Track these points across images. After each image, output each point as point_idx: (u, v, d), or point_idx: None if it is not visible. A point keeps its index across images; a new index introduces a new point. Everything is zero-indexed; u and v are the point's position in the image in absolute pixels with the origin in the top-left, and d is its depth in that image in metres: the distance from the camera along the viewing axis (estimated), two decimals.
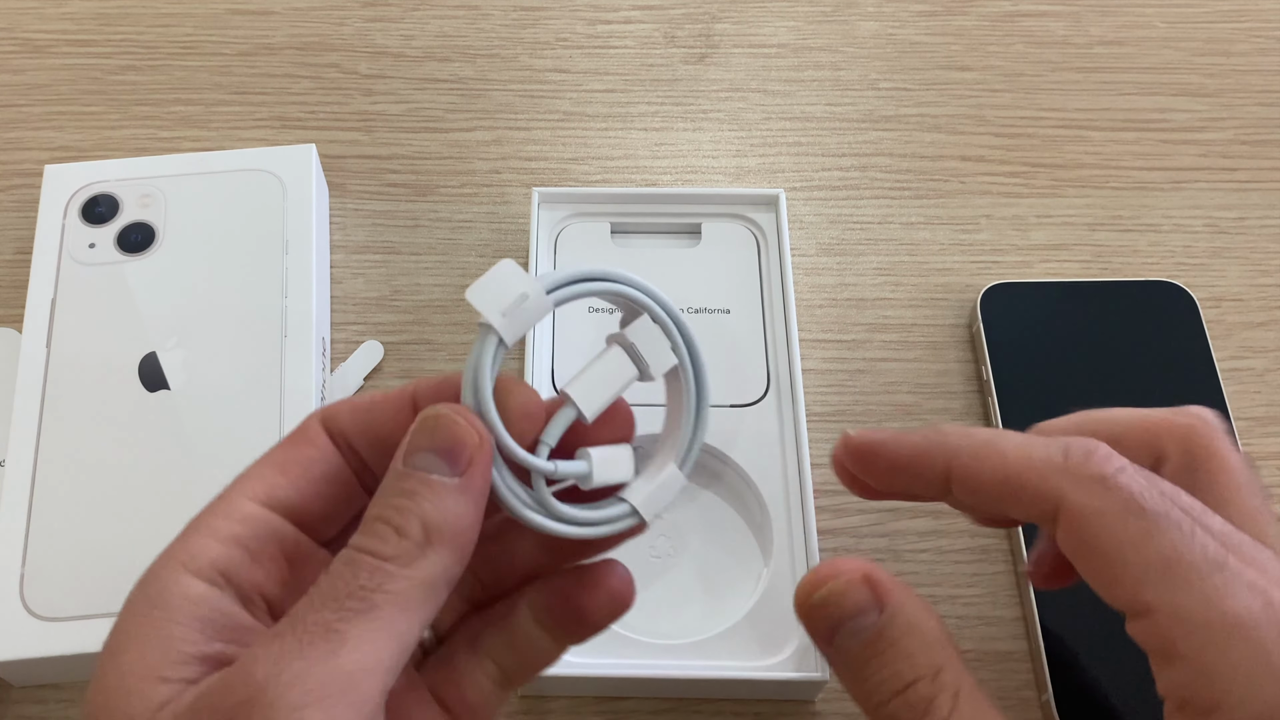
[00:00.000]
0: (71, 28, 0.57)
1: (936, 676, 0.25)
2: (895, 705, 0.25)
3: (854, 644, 0.26)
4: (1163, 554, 0.25)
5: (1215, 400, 0.46)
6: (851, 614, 0.26)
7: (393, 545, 0.23)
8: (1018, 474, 0.27)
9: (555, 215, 0.49)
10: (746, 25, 0.59)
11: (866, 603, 0.26)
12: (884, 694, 0.25)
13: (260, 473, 0.26)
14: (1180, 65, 0.57)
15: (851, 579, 0.26)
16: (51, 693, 0.41)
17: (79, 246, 0.47)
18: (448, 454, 0.24)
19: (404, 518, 0.24)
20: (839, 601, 0.26)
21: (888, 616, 0.26)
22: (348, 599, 0.23)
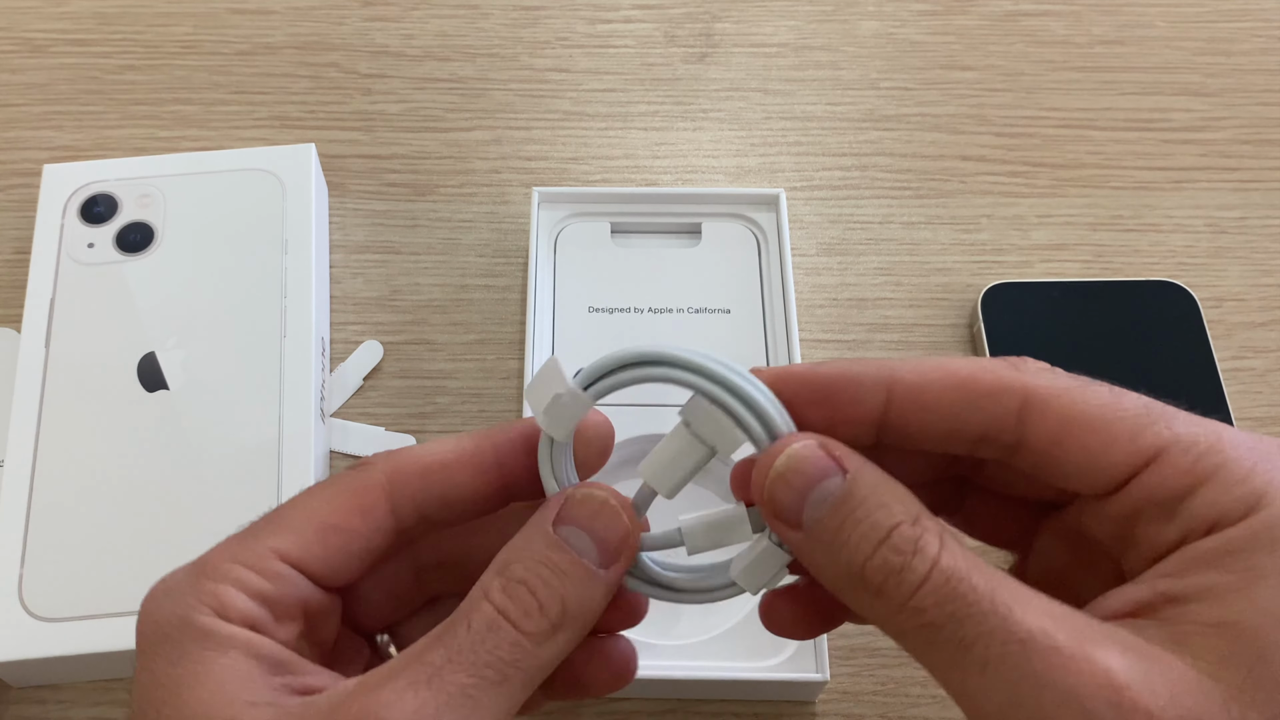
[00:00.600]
0: (70, 27, 0.57)
1: (917, 520, 0.23)
2: (880, 556, 0.23)
3: (824, 511, 0.24)
4: (1140, 403, 0.24)
5: (1216, 400, 0.46)
6: (816, 478, 0.24)
7: (534, 622, 0.24)
8: (971, 378, 0.25)
9: (555, 215, 0.49)
10: (747, 24, 0.58)
11: (829, 465, 0.24)
12: (866, 549, 0.23)
13: (295, 528, 0.25)
14: (1181, 65, 0.57)
15: (808, 444, 0.24)
16: (50, 693, 0.41)
17: (78, 246, 0.47)
18: (603, 544, 0.25)
19: (549, 595, 0.24)
20: (800, 467, 0.24)
21: (853, 475, 0.24)
22: (485, 667, 0.23)
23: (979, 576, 0.22)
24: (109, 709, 0.41)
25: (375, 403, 0.47)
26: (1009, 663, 0.22)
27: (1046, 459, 0.25)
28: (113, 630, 0.39)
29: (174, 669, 0.23)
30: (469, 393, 0.48)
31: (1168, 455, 0.24)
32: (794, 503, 0.24)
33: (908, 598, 0.23)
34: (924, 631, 0.22)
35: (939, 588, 0.22)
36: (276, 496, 0.41)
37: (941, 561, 0.23)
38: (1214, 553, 0.23)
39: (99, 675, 0.41)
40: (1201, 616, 0.22)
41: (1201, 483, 0.23)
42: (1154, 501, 0.24)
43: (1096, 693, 0.21)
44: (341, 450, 0.46)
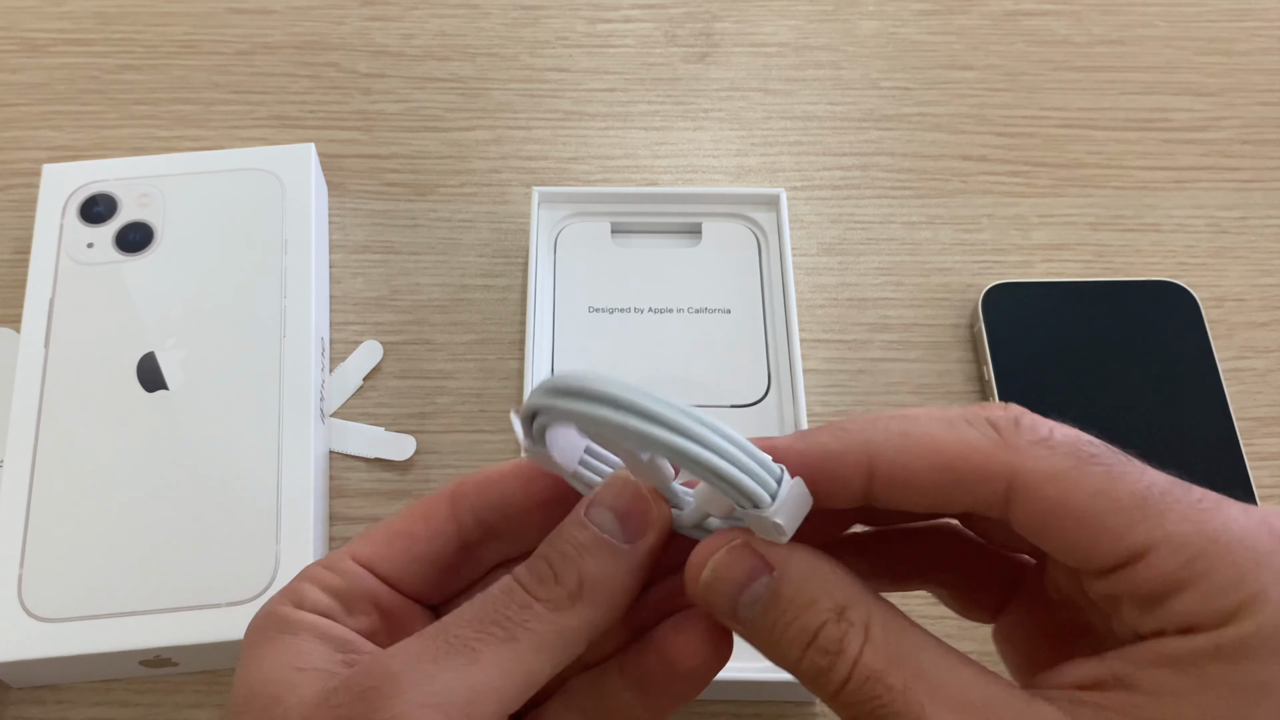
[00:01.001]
0: (70, 27, 0.57)
1: (842, 615, 0.24)
2: (808, 658, 0.24)
3: (756, 613, 0.24)
4: (1135, 493, 0.23)
5: (1217, 401, 0.46)
6: (744, 582, 0.24)
7: (547, 589, 0.25)
8: (958, 458, 0.24)
9: (555, 215, 0.49)
10: (747, 24, 0.58)
11: (754, 567, 0.24)
12: (797, 650, 0.24)
13: (372, 540, 0.28)
14: (1182, 64, 0.57)
15: (732, 547, 0.25)
16: (50, 693, 0.41)
17: (77, 246, 0.46)
18: (625, 519, 0.26)
19: (565, 565, 0.25)
20: (726, 574, 0.25)
21: (779, 574, 0.24)
22: (492, 624, 0.24)
23: (896, 675, 0.23)
24: (109, 709, 0.41)
25: (375, 403, 0.47)
26: None
27: (1030, 541, 0.25)
28: (113, 630, 0.39)
29: (253, 650, 0.26)
30: (469, 393, 0.48)
31: (1155, 555, 0.23)
32: (728, 606, 0.25)
33: (835, 694, 0.24)
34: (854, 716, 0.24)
35: (859, 689, 0.23)
36: (276, 497, 0.41)
37: (861, 660, 0.23)
38: (1177, 655, 0.23)
39: (99, 675, 0.41)
40: (1142, 713, 0.22)
41: (1184, 588, 0.23)
42: (1135, 595, 0.23)
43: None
44: (341, 450, 0.46)
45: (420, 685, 0.23)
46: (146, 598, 0.39)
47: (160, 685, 0.41)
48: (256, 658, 0.26)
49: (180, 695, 0.41)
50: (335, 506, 0.45)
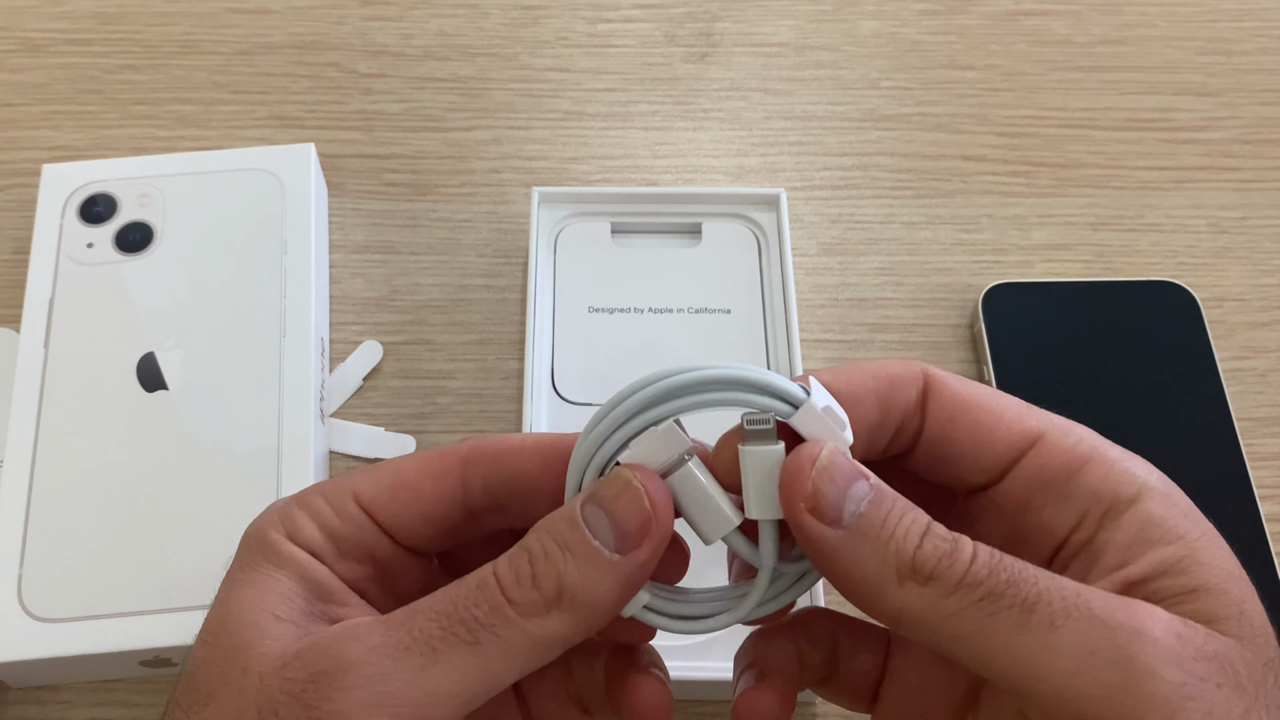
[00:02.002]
0: (69, 27, 0.57)
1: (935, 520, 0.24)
2: (929, 543, 0.23)
3: (866, 507, 0.24)
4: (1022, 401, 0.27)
5: (1217, 401, 0.46)
6: (853, 477, 0.24)
7: (523, 592, 0.23)
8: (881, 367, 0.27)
9: (555, 215, 0.49)
10: (747, 24, 0.58)
11: (856, 469, 0.24)
12: (914, 538, 0.23)
13: (379, 481, 0.27)
14: (1182, 64, 0.57)
15: (832, 450, 0.24)
16: (50, 694, 0.41)
17: (77, 246, 0.46)
18: (620, 528, 0.24)
19: (546, 567, 0.23)
20: (840, 466, 0.24)
21: (877, 483, 0.24)
22: (459, 623, 0.23)
23: (1009, 556, 0.23)
24: (109, 709, 0.41)
25: (375, 403, 0.47)
26: (1076, 613, 0.22)
27: (943, 441, 0.27)
28: (113, 630, 0.39)
29: (238, 572, 0.26)
30: (469, 393, 0.48)
31: (1049, 437, 0.26)
32: (837, 498, 0.24)
33: (962, 574, 0.23)
34: (983, 605, 0.23)
35: (989, 561, 0.23)
36: (276, 497, 0.41)
37: (978, 544, 0.24)
38: (1144, 533, 0.24)
39: (99, 675, 0.41)
40: (1173, 589, 0.24)
41: (1084, 462, 0.25)
42: (1043, 480, 0.26)
43: (1162, 628, 0.22)
44: (341, 450, 0.46)
45: (371, 683, 0.22)
46: (146, 598, 0.39)
47: (160, 685, 0.41)
48: (240, 583, 0.25)
49: None
50: None
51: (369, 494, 0.27)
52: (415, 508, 0.27)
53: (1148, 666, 0.21)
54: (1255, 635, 0.23)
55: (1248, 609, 0.24)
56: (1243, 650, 0.23)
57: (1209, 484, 0.44)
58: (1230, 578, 0.24)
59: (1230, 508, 0.44)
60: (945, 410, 0.27)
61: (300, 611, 0.25)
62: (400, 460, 0.27)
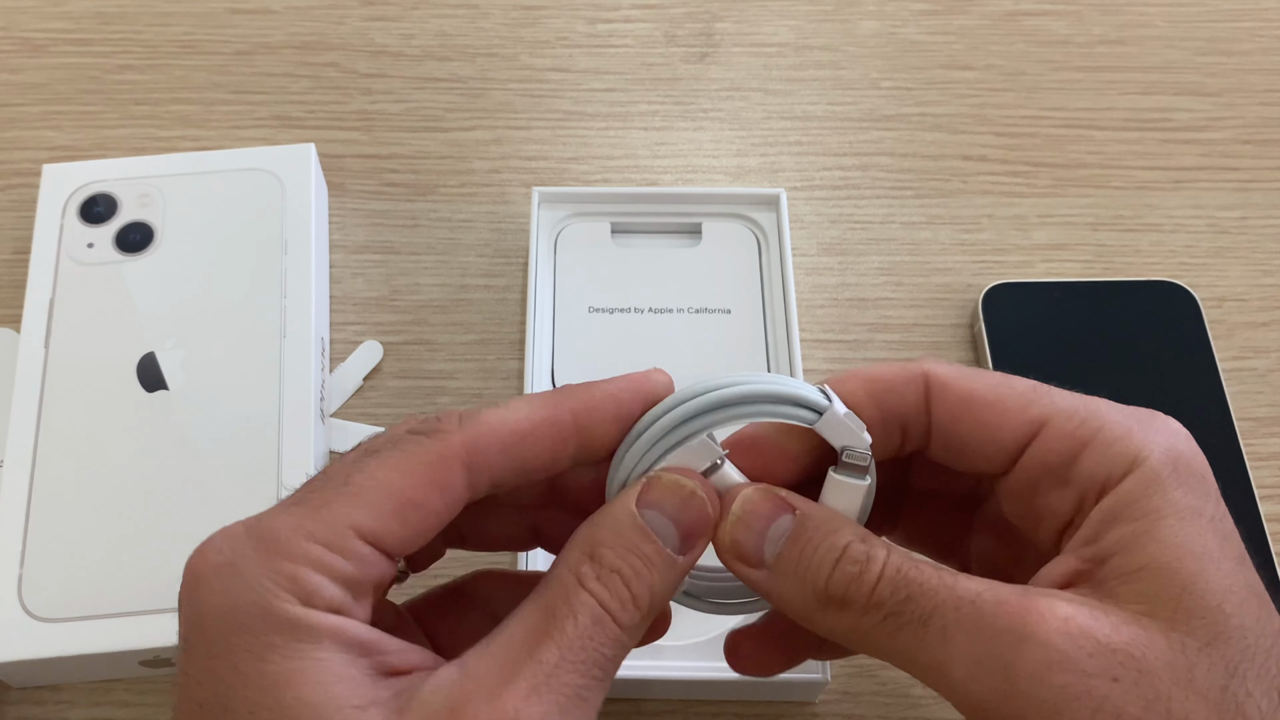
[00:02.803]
0: (70, 27, 0.57)
1: (865, 538, 0.25)
2: (839, 570, 0.25)
3: (783, 545, 0.26)
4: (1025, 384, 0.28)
5: (1217, 400, 0.46)
6: (770, 517, 0.26)
7: (630, 615, 0.24)
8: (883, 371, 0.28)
9: (555, 215, 0.49)
10: (747, 24, 0.58)
11: (779, 505, 0.26)
12: (826, 568, 0.25)
13: (376, 500, 0.23)
14: (1182, 64, 0.57)
15: (757, 487, 0.26)
16: (50, 694, 0.41)
17: (77, 246, 0.46)
18: (687, 532, 0.25)
19: (641, 587, 0.24)
20: (755, 509, 0.26)
21: (802, 512, 0.26)
22: (594, 667, 0.23)
23: (926, 566, 0.25)
24: (109, 709, 0.41)
25: (375, 403, 0.47)
26: (965, 623, 0.23)
27: (951, 438, 0.27)
28: (113, 630, 0.39)
29: (264, 665, 0.21)
30: (469, 393, 0.48)
31: (1053, 423, 0.26)
32: (755, 542, 0.26)
33: (868, 597, 0.24)
34: (887, 624, 0.24)
35: (891, 579, 0.24)
36: (276, 497, 0.41)
37: (890, 560, 0.25)
38: (1114, 510, 0.25)
39: (99, 675, 0.41)
40: (1122, 568, 0.24)
41: (1085, 445, 0.26)
42: (1047, 468, 0.26)
43: (1051, 627, 0.23)
44: (341, 450, 0.46)
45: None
46: (146, 598, 0.39)
47: (160, 685, 0.41)
48: (283, 680, 0.21)
49: None
50: None
51: (373, 524, 0.23)
52: (427, 524, 0.24)
53: (1029, 671, 0.22)
54: (1197, 614, 0.23)
55: (1197, 586, 0.24)
56: (1166, 636, 0.23)
57: None
58: (1189, 555, 0.24)
59: (1230, 508, 0.44)
60: (950, 409, 0.27)
61: (366, 686, 0.22)
62: (380, 472, 0.24)
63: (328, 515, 0.23)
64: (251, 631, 0.22)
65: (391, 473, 0.24)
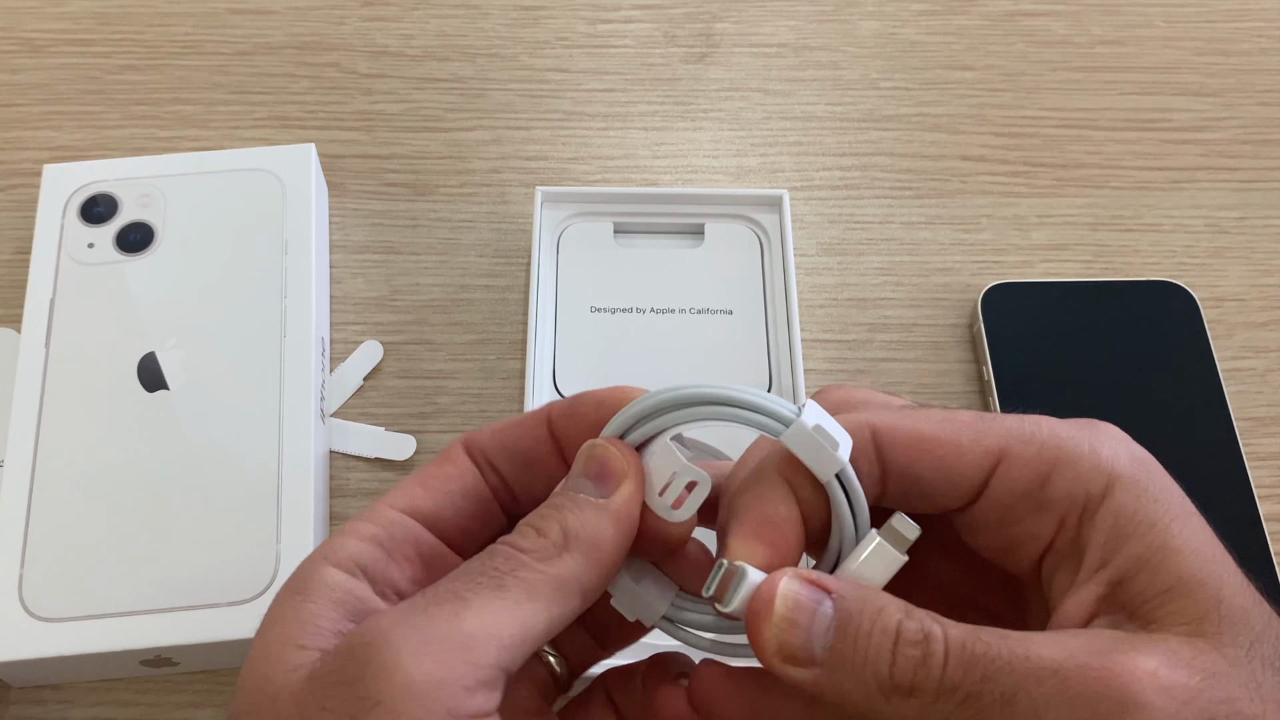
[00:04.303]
0: (70, 27, 0.57)
1: (909, 611, 0.24)
2: (901, 656, 0.23)
3: (833, 637, 0.24)
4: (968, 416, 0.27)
5: (1216, 401, 0.46)
6: (814, 610, 0.24)
7: (531, 541, 0.25)
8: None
9: (558, 215, 0.49)
10: (747, 24, 0.58)
11: (815, 592, 0.24)
12: (886, 655, 0.23)
13: (404, 487, 0.28)
14: (1181, 65, 0.57)
15: (792, 578, 0.25)
16: (50, 693, 0.41)
17: (78, 246, 0.46)
18: (597, 476, 0.26)
19: (546, 523, 0.26)
20: (800, 604, 0.24)
21: (838, 592, 0.24)
22: (480, 575, 0.24)
23: (988, 636, 0.23)
24: (109, 709, 0.41)
25: (375, 403, 0.47)
26: (1054, 697, 0.22)
27: (909, 481, 0.27)
28: (113, 630, 0.39)
29: (268, 619, 0.25)
30: (469, 393, 0.48)
31: (1011, 451, 0.26)
32: (804, 641, 0.24)
33: (939, 682, 0.23)
34: (965, 708, 0.23)
35: (960, 659, 0.23)
36: (276, 497, 0.41)
37: (951, 636, 0.23)
38: (1117, 528, 0.25)
39: (99, 675, 0.41)
40: (1150, 590, 0.24)
41: (1052, 467, 0.26)
42: (1016, 495, 0.26)
43: (1145, 685, 0.22)
44: (341, 450, 0.46)
45: (411, 636, 0.23)
46: (146, 598, 0.39)
47: (160, 685, 0.41)
48: (266, 627, 0.25)
49: (180, 695, 0.41)
50: (335, 506, 0.45)
51: (402, 498, 0.28)
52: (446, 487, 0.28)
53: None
54: (1234, 621, 0.24)
55: (1225, 593, 0.24)
56: (1224, 648, 0.23)
57: (1209, 484, 0.44)
58: (1205, 561, 0.24)
59: (1230, 508, 0.44)
60: (902, 454, 0.27)
61: (329, 634, 0.24)
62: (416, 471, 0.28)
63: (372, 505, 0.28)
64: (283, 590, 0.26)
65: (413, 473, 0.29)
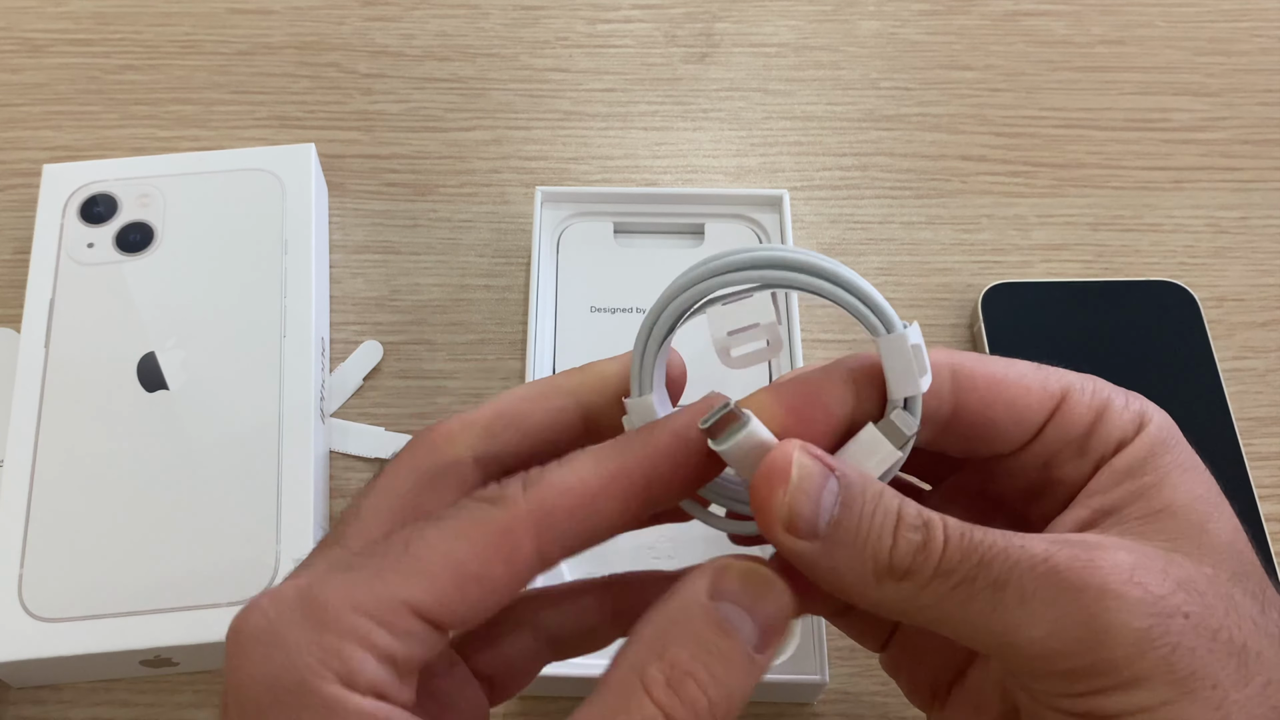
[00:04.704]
0: (70, 27, 0.57)
1: (905, 499, 0.24)
2: (902, 538, 0.23)
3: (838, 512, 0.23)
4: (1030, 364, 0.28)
5: (1217, 401, 0.46)
6: (823, 484, 0.24)
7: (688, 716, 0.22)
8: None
9: (558, 215, 0.49)
10: (747, 24, 0.58)
11: (824, 469, 0.24)
12: (887, 537, 0.23)
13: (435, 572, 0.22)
14: (1182, 64, 0.57)
15: (803, 450, 0.24)
16: (50, 693, 0.41)
17: (77, 246, 0.46)
18: (767, 629, 0.23)
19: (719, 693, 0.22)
20: (811, 475, 0.23)
21: (841, 472, 0.24)
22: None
23: (984, 529, 0.24)
24: (109, 709, 0.41)
25: (375, 403, 0.47)
26: (1044, 583, 0.23)
27: (978, 423, 0.27)
28: (113, 630, 0.39)
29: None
30: (469, 393, 0.48)
31: (1071, 395, 0.27)
32: (811, 511, 0.23)
33: (936, 566, 0.23)
34: (958, 591, 0.23)
35: (959, 545, 0.24)
36: (276, 497, 0.41)
37: (950, 524, 0.24)
38: (1127, 466, 0.26)
39: (99, 675, 0.41)
40: (1139, 513, 0.26)
41: (1100, 414, 0.27)
42: (1067, 440, 0.27)
43: (1124, 578, 0.23)
44: (341, 450, 0.46)
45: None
46: (146, 598, 0.39)
47: (160, 685, 0.41)
48: None
49: (180, 695, 0.41)
50: (335, 506, 0.45)
51: (431, 600, 0.22)
52: (490, 600, 0.23)
53: (1112, 623, 0.23)
54: (1218, 550, 0.25)
55: (1212, 526, 0.25)
56: (1203, 568, 0.24)
57: None
58: (1198, 499, 0.26)
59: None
60: (980, 396, 0.27)
61: None
62: (443, 541, 0.22)
63: (381, 586, 0.22)
64: (287, 708, 0.21)
65: (453, 542, 0.22)
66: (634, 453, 0.24)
